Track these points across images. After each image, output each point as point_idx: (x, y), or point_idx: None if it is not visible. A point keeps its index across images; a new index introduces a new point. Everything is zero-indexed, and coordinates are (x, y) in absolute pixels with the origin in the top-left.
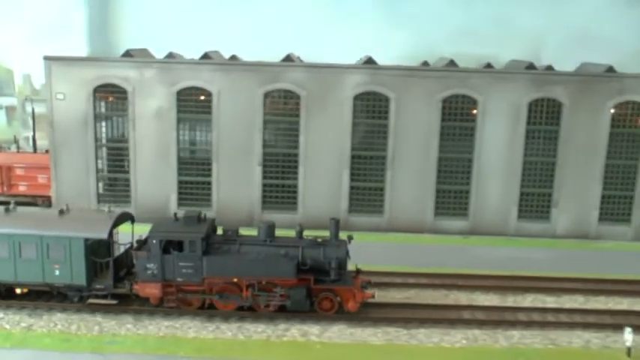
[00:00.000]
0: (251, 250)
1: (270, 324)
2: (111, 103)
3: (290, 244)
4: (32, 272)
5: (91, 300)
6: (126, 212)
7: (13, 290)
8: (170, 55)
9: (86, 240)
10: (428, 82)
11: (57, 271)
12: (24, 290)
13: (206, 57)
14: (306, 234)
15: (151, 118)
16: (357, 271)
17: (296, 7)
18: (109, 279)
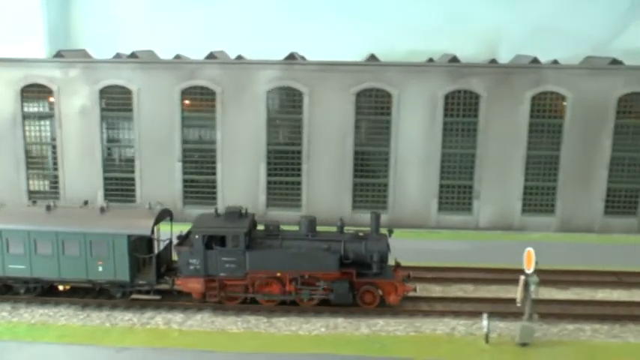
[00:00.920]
0: (293, 244)
1: (137, 313)
2: (38, 103)
3: (332, 238)
4: (76, 269)
5: (134, 295)
6: (165, 209)
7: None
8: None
9: (129, 237)
10: (342, 76)
11: (100, 268)
12: (66, 287)
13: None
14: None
15: (77, 117)
16: (397, 264)
17: (248, 4)
18: (151, 275)
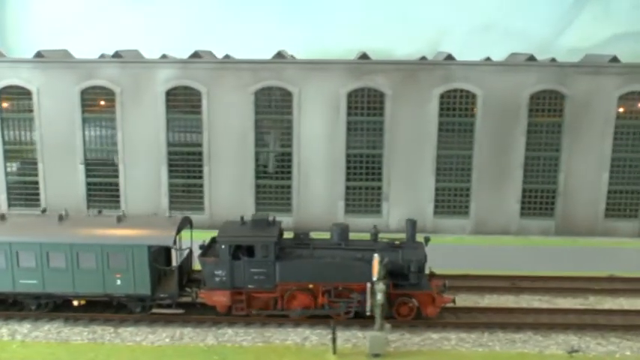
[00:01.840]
0: (325, 254)
1: None
2: None
3: (366, 247)
4: (91, 283)
5: (154, 310)
6: (186, 217)
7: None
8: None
9: (150, 247)
10: (241, 74)
11: (118, 281)
12: (81, 302)
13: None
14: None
15: None
16: (432, 274)
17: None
18: (173, 287)
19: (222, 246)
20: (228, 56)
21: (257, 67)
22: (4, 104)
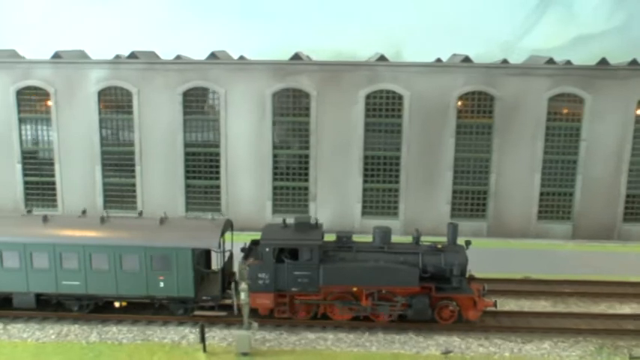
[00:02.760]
0: (368, 257)
1: None
2: None
3: (408, 250)
4: (134, 285)
5: (197, 312)
6: (227, 219)
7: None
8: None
9: (194, 250)
10: (168, 75)
11: (162, 283)
12: (123, 304)
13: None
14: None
15: None
16: (471, 277)
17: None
18: (216, 290)
19: (267, 249)
20: (157, 56)
21: (184, 67)
22: None
